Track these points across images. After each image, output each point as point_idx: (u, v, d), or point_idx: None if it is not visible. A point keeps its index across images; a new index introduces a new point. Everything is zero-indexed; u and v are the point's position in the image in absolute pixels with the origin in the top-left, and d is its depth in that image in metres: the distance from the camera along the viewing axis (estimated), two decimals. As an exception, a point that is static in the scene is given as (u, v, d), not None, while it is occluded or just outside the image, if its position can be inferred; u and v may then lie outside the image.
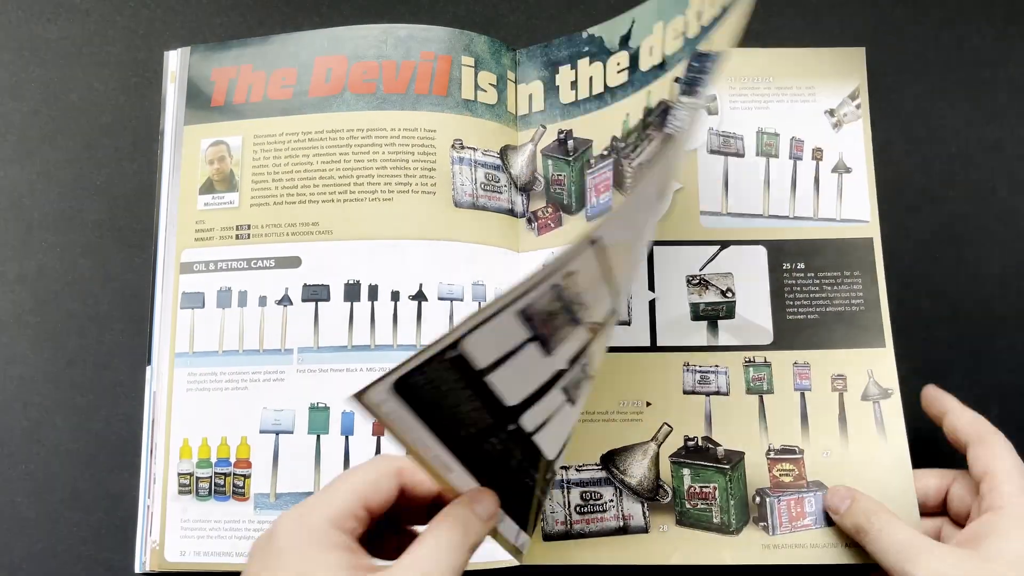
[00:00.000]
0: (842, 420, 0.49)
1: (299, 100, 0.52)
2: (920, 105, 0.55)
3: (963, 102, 0.55)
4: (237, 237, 0.51)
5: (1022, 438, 0.46)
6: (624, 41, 0.51)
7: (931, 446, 0.47)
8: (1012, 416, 0.51)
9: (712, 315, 0.51)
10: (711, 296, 0.51)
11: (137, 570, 0.47)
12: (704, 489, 0.48)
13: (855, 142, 0.53)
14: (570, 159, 0.52)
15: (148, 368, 0.50)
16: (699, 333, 0.51)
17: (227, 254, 0.51)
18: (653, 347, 0.50)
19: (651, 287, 0.51)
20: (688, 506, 0.48)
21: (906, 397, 0.48)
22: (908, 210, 0.53)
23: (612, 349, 0.50)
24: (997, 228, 0.54)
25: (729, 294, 0.51)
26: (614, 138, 0.50)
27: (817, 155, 0.53)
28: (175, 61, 0.53)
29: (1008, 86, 0.55)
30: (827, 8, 0.56)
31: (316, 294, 0.50)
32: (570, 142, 0.52)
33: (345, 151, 0.51)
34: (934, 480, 0.46)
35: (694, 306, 0.51)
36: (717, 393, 0.49)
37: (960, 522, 0.44)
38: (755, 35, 0.55)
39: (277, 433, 0.49)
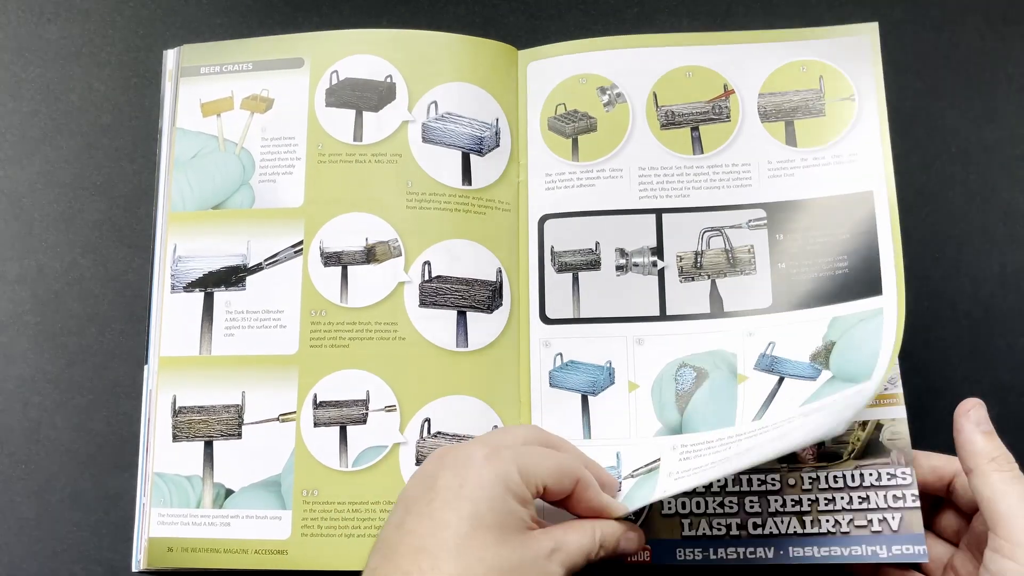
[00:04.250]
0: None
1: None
2: (920, 105, 0.55)
3: (963, 102, 0.55)
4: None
5: (1022, 438, 0.46)
6: None
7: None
8: (1012, 416, 0.51)
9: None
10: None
11: (134, 568, 0.47)
12: None
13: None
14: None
15: (146, 367, 0.50)
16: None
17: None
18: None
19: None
20: None
21: (905, 398, 0.48)
22: (908, 210, 0.53)
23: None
24: (997, 228, 0.53)
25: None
26: None
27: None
28: (174, 61, 0.53)
29: (1008, 86, 0.55)
30: (826, 8, 0.56)
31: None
32: None
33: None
34: (939, 462, 0.45)
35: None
36: None
37: (965, 510, 0.44)
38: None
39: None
